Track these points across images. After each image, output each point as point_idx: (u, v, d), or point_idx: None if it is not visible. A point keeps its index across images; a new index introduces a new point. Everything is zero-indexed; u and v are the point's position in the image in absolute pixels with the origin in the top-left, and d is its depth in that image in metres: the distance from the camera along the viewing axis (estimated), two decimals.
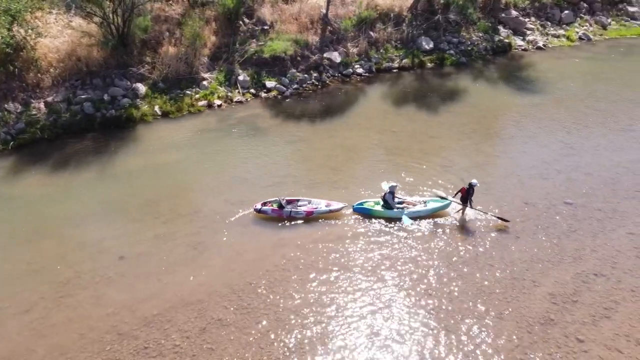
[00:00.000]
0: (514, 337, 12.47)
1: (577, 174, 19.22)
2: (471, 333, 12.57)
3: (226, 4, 27.79)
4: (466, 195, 16.62)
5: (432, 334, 12.55)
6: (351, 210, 16.98)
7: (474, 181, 16.64)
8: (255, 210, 16.86)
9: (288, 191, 17.85)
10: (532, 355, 11.98)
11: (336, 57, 28.59)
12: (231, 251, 15.27)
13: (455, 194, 17.01)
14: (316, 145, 21.50)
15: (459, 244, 15.67)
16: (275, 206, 16.84)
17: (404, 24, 31.51)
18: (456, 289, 13.93)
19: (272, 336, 12.43)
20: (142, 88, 24.11)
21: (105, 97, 23.30)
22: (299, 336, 12.46)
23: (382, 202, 16.86)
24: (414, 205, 17.09)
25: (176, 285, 13.95)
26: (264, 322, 12.80)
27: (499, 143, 22.05)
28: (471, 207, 16.71)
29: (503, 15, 34.92)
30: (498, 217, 16.58)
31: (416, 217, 16.71)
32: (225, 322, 12.82)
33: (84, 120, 22.17)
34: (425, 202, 17.24)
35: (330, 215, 16.81)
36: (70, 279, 14.19)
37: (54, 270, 14.49)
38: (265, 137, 21.99)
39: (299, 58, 27.75)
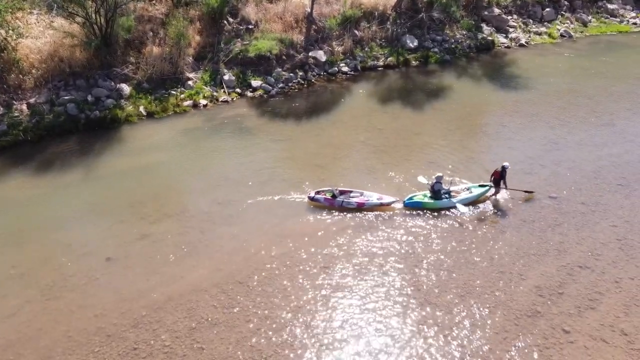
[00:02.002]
0: (502, 329, 12.62)
1: (561, 168, 19.50)
2: (459, 327, 12.69)
3: (210, 4, 27.68)
4: (499, 178, 17.50)
5: (421, 328, 12.64)
6: (402, 205, 17.17)
7: (506, 164, 17.53)
8: (309, 198, 17.26)
9: (275, 190, 17.86)
10: (519, 347, 12.15)
11: (321, 55, 28.64)
12: (220, 250, 15.22)
13: (491, 177, 17.78)
14: (303, 144, 21.52)
15: (446, 238, 15.80)
16: (328, 195, 17.19)
17: (389, 23, 31.68)
18: (443, 283, 14.05)
19: (263, 334, 12.43)
20: (126, 88, 23.91)
21: (89, 98, 23.06)
22: (290, 334, 12.47)
23: (429, 194, 17.19)
24: (458, 193, 17.63)
25: (164, 286, 13.87)
26: (254, 321, 12.79)
27: (483, 139, 22.28)
28: (506, 188, 17.57)
29: (486, 13, 35.30)
30: (525, 191, 17.75)
31: (465, 204, 17.24)
32: (214, 321, 12.78)
33: (68, 122, 21.90)
34: (468, 189, 17.84)
35: (380, 208, 17.05)
36: (56, 282, 14.03)
37: (40, 273, 14.31)
38: (252, 137, 21.95)
39: (284, 57, 27.74)
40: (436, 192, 17.12)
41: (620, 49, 34.19)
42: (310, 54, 28.47)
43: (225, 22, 28.30)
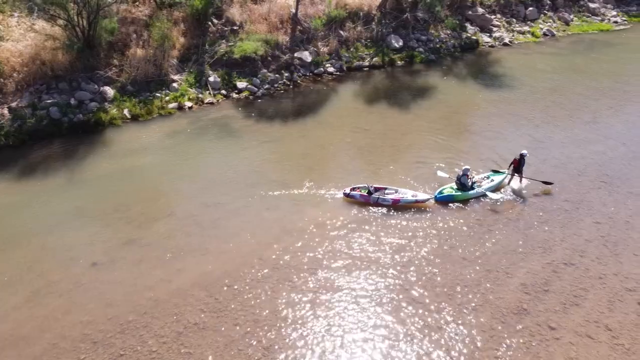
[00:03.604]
0: (489, 327, 12.73)
1: (546, 166, 19.72)
2: (447, 326, 12.77)
3: (194, 5, 27.50)
4: (518, 166, 18.18)
5: (409, 328, 12.70)
6: (433, 201, 17.50)
7: (524, 152, 18.23)
8: (344, 194, 17.51)
9: (262, 192, 17.82)
10: (507, 345, 12.26)
11: (307, 56, 28.63)
12: (207, 254, 15.13)
13: (510, 166, 18.45)
14: (289, 145, 21.49)
15: (433, 238, 15.89)
16: (364, 192, 17.40)
17: (374, 23, 31.76)
18: (431, 282, 14.13)
19: (251, 337, 12.38)
20: (110, 91, 23.67)
21: (72, 101, 22.78)
22: (278, 336, 12.44)
23: (456, 187, 17.76)
24: (481, 183, 18.23)
25: (151, 290, 13.76)
26: (242, 324, 12.74)
27: (469, 138, 22.44)
28: (523, 176, 18.30)
29: (470, 12, 35.56)
30: (543, 182, 18.25)
31: (492, 191, 18.03)
32: (202, 325, 12.71)
33: (51, 126, 21.62)
34: (488, 177, 18.55)
35: (415, 205, 17.32)
36: (41, 288, 13.84)
37: (25, 279, 14.11)
38: (238, 138, 21.87)
39: (269, 58, 27.68)
40: (463, 184, 17.64)
41: (602, 48, 34.66)
42: (295, 54, 28.44)
43: (209, 23, 28.15)
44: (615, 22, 39.51)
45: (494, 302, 13.48)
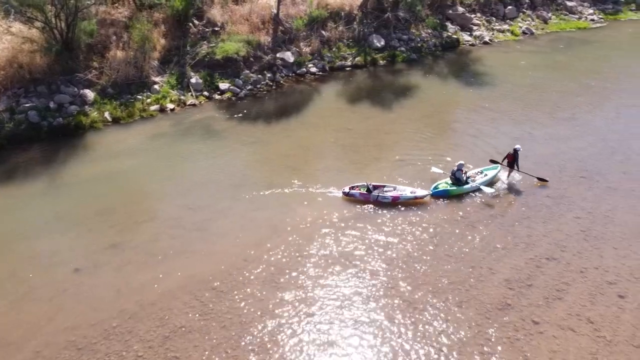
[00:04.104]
0: (475, 323, 12.86)
1: (527, 163, 19.89)
2: (434, 323, 12.88)
3: (175, 6, 27.29)
4: (512, 160, 18.56)
5: (396, 326, 12.77)
6: (429, 197, 17.74)
7: (517, 146, 18.60)
8: (344, 193, 17.59)
9: (247, 193, 17.77)
10: (492, 340, 12.40)
11: (289, 56, 28.61)
12: (191, 257, 15.03)
13: (503, 160, 18.85)
14: (273, 145, 21.46)
15: (418, 236, 16.00)
16: (363, 190, 17.48)
17: (355, 23, 31.87)
18: (417, 280, 14.23)
19: (238, 339, 12.34)
20: (90, 94, 23.37)
21: (52, 104, 22.44)
22: (266, 338, 12.42)
23: (451, 182, 18.02)
24: (474, 177, 18.56)
25: (136, 295, 13.62)
26: (229, 326, 12.69)
27: (451, 136, 22.65)
28: (518, 170, 18.65)
29: (450, 11, 35.88)
30: (539, 178, 18.64)
31: (486, 185, 18.35)
32: (189, 328, 12.63)
33: (30, 130, 21.26)
34: (482, 172, 18.88)
35: (413, 201, 17.51)
36: (23, 295, 13.61)
37: (6, 286, 13.86)
38: (221, 140, 21.77)
39: (251, 59, 27.60)
40: (458, 178, 17.91)
41: (580, 45, 35.25)
42: (278, 55, 28.41)
43: (190, 24, 27.96)
44: (592, 20, 40.22)
45: (479, 298, 13.63)
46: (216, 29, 28.32)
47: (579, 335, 12.60)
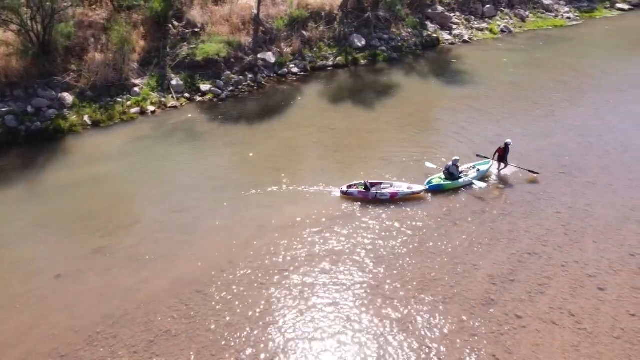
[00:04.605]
0: (459, 319, 13.01)
1: (508, 159, 20.18)
2: (419, 320, 12.98)
3: (154, 7, 27.03)
4: (503, 154, 18.98)
5: (382, 323, 12.85)
6: (424, 192, 18.09)
7: (508, 140, 19.06)
8: (342, 192, 17.70)
9: (231, 194, 17.71)
10: (476, 335, 12.55)
11: (270, 57, 28.54)
12: (175, 260, 14.92)
13: (494, 154, 19.25)
14: (256, 146, 21.38)
15: (402, 233, 16.11)
16: (361, 188, 17.61)
17: (336, 23, 31.91)
18: (402, 277, 14.33)
19: (224, 342, 12.29)
20: (68, 97, 23.02)
21: (29, 108, 22.04)
22: (251, 339, 12.39)
23: (444, 176, 18.43)
24: (467, 172, 18.89)
25: (120, 300, 13.47)
26: (215, 329, 12.63)
27: (433, 134, 22.84)
28: (508, 164, 19.11)
29: (430, 11, 36.13)
30: (530, 171, 19.00)
31: (480, 179, 18.80)
32: (173, 332, 12.54)
33: (7, 135, 20.86)
34: (474, 167, 19.24)
35: (410, 197, 17.83)
36: (3, 304, 13.36)
37: None
38: (203, 142, 21.64)
39: (232, 60, 27.46)
40: (451, 173, 18.27)
41: (557, 42, 35.78)
42: (259, 55, 28.32)
43: (170, 25, 27.72)
44: (568, 17, 40.85)
45: (463, 294, 13.78)
46: (196, 30, 28.13)
47: (561, 328, 12.82)
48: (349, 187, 17.79)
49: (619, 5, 43.41)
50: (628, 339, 12.52)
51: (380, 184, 18.07)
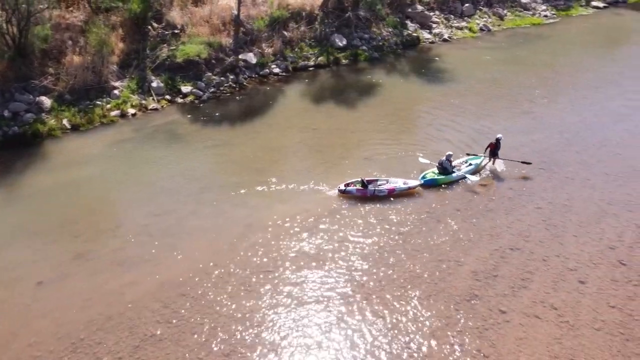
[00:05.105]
0: (444, 315, 13.14)
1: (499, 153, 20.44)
2: (404, 317, 13.08)
3: (132, 9, 26.73)
4: (494, 149, 19.40)
5: (369, 321, 12.92)
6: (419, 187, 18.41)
7: (499, 135, 19.62)
8: (340, 191, 17.73)
9: (214, 196, 17.62)
10: (461, 331, 12.69)
11: (252, 58, 28.45)
12: (159, 264, 14.80)
13: (486, 149, 19.67)
14: (239, 148, 21.31)
15: (387, 232, 16.21)
16: (358, 186, 17.76)
17: (317, 22, 31.93)
18: (386, 275, 14.42)
19: (211, 345, 12.23)
20: (47, 101, 22.65)
21: (6, 113, 21.65)
22: (238, 342, 12.35)
23: (438, 171, 18.76)
24: (460, 166, 19.26)
25: (103, 305, 13.31)
26: (201, 332, 12.56)
27: (415, 133, 23.01)
28: (499, 157, 19.51)
29: (409, 10, 36.37)
30: (522, 162, 19.55)
31: (472, 173, 19.22)
32: (159, 336, 12.43)
33: None
34: (466, 161, 19.67)
35: (407, 192, 18.12)
36: None
37: None
38: (186, 144, 21.48)
39: (213, 61, 27.30)
40: (445, 168, 18.63)
41: (534, 40, 36.33)
42: (240, 56, 28.21)
43: (149, 27, 27.45)
44: (545, 15, 41.50)
45: (447, 290, 13.93)
46: (176, 31, 27.89)
47: (544, 321, 13.04)
48: (347, 185, 17.87)
49: (594, 3, 44.25)
50: (608, 331, 12.79)
51: (377, 180, 18.24)
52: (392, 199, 17.75)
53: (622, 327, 12.89)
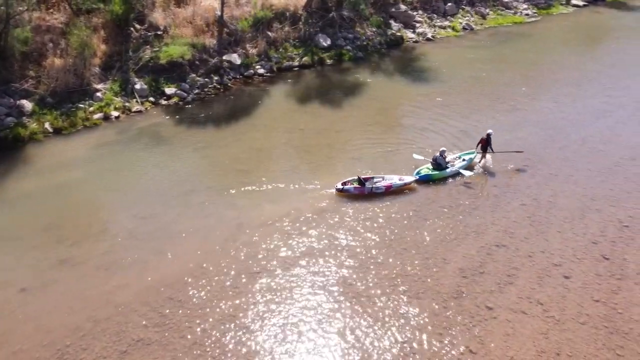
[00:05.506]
0: (432, 313, 13.22)
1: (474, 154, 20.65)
2: (393, 316, 13.14)
3: (114, 10, 26.44)
4: (486, 144, 19.81)
5: (357, 320, 12.95)
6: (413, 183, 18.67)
7: (490, 131, 19.96)
8: (337, 190, 17.79)
9: (200, 198, 17.53)
10: (449, 328, 12.78)
11: (236, 58, 28.33)
12: (145, 267, 14.66)
13: (477, 145, 20.13)
14: (224, 149, 21.21)
15: (374, 230, 16.26)
16: (355, 184, 17.91)
17: (300, 23, 31.90)
18: (373, 275, 14.46)
19: (199, 349, 12.16)
20: (28, 105, 22.31)
21: None
22: (226, 344, 12.30)
23: (432, 167, 19.04)
24: (453, 162, 19.59)
25: (89, 310, 13.15)
26: (189, 336, 12.48)
27: (400, 132, 23.11)
28: (492, 151, 19.90)
29: (393, 10, 36.53)
30: (514, 151, 20.28)
31: (466, 168, 19.55)
32: (147, 341, 12.32)
33: None
34: (459, 157, 20.03)
35: (403, 188, 18.37)
36: None
37: None
38: (170, 146, 21.31)
39: (197, 62, 27.13)
40: (439, 163, 18.89)
41: (516, 39, 36.72)
42: (224, 57, 28.06)
43: (132, 29, 27.19)
44: (527, 14, 41.96)
45: (435, 288, 14.02)
46: (159, 32, 27.66)
47: (530, 317, 13.19)
48: (344, 184, 17.93)
49: (574, 2, 44.86)
50: (593, 324, 12.99)
51: (372, 178, 18.38)
52: (374, 199, 17.78)
53: (606, 321, 13.10)
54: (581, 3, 44.89)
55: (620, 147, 21.57)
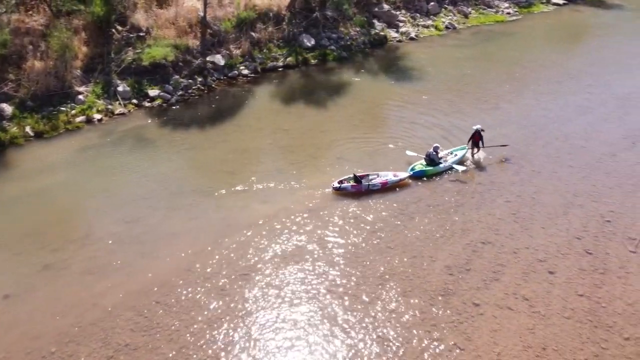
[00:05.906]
0: (420, 311, 13.31)
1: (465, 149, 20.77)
2: (381, 314, 13.19)
3: (95, 12, 26.12)
4: (478, 140, 20.33)
5: (345, 319, 12.98)
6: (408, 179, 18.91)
7: (479, 126, 20.52)
8: (334, 188, 17.87)
9: (185, 201, 17.41)
10: (437, 326, 12.88)
11: (220, 59, 28.18)
12: (132, 271, 14.54)
13: (469, 141, 20.56)
14: (209, 151, 21.09)
15: (361, 230, 16.30)
16: (352, 182, 18.04)
17: (284, 23, 31.83)
18: (361, 274, 14.50)
19: (186, 352, 12.08)
20: (7, 108, 21.94)
21: None
22: (214, 347, 12.23)
23: (425, 162, 19.33)
24: (446, 158, 19.89)
25: (74, 316, 13.00)
26: (176, 339, 12.39)
27: (385, 131, 23.18)
28: (483, 146, 20.41)
29: (376, 9, 36.62)
30: (499, 145, 20.70)
31: (458, 163, 19.84)
32: (134, 346, 12.22)
33: None
34: (452, 152, 20.40)
35: (398, 184, 18.59)
36: None
37: None
38: (155, 149, 21.13)
39: (181, 63, 26.91)
40: (433, 159, 19.19)
41: (498, 37, 37.03)
42: (208, 58, 27.89)
43: (113, 30, 26.88)
44: (508, 13, 42.32)
45: (422, 286, 14.11)
46: (141, 34, 27.39)
47: (517, 312, 13.34)
48: (340, 182, 18.02)
49: (554, 0, 45.38)
50: (578, 319, 13.18)
51: (368, 175, 18.51)
52: (362, 197, 17.84)
53: (590, 315, 13.30)
54: (561, 1, 45.37)
55: (602, 144, 21.89)
